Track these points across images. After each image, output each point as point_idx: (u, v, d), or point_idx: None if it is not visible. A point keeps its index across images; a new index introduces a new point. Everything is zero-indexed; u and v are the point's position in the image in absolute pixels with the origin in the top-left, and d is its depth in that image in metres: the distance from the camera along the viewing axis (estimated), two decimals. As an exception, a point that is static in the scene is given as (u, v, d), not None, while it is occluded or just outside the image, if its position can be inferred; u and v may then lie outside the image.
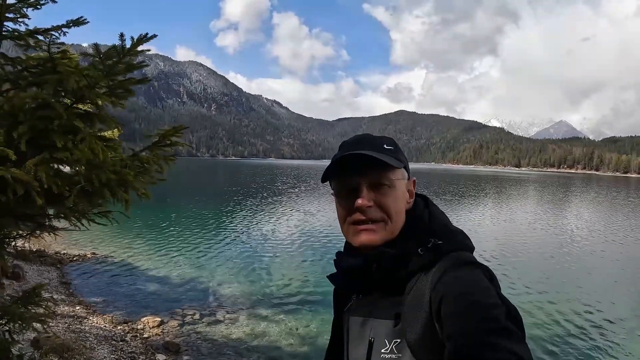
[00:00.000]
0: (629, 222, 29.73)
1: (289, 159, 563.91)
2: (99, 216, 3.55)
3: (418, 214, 1.36)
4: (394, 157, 1.31)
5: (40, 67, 2.94)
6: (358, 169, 1.28)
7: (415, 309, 1.16)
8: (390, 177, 1.28)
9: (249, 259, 15.29)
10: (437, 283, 1.14)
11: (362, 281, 1.34)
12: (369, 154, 1.26)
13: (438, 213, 1.38)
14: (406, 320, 1.17)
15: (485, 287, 1.09)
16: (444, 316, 1.07)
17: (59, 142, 2.56)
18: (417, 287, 1.19)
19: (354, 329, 1.37)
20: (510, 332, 0.97)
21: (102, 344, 7.79)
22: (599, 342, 9.24)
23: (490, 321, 0.99)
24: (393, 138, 1.41)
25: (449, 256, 1.21)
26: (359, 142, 1.35)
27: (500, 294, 1.09)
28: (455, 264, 1.18)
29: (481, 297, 1.06)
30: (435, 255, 1.22)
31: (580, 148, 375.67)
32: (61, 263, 13.26)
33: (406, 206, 1.35)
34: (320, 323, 9.56)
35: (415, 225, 1.32)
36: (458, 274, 1.14)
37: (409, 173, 1.39)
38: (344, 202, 1.32)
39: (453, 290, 1.10)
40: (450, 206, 35.86)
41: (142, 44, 2.86)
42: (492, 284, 1.13)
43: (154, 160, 3.29)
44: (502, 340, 0.94)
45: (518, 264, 15.90)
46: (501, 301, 1.06)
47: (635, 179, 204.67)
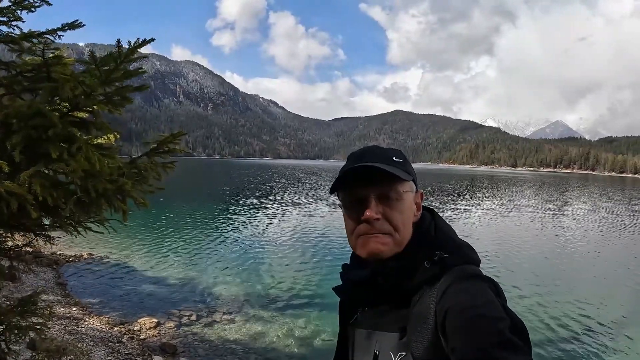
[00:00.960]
0: (623, 222, 29.90)
1: (285, 159, 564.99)
2: (96, 224, 3.51)
3: (425, 226, 1.35)
4: (403, 169, 1.30)
5: (35, 72, 2.90)
6: (367, 181, 1.27)
7: (421, 322, 1.15)
8: (398, 190, 1.28)
9: (245, 260, 15.30)
10: (442, 296, 1.14)
11: (368, 294, 1.33)
12: (379, 166, 1.25)
13: (444, 226, 1.37)
14: (412, 333, 1.17)
15: (490, 301, 1.09)
16: (449, 329, 1.06)
17: (53, 153, 2.51)
18: (423, 300, 1.19)
19: (359, 342, 1.37)
20: (516, 345, 0.97)
21: (99, 346, 7.79)
22: (592, 342, 9.30)
23: (495, 335, 0.98)
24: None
25: (454, 269, 1.20)
26: (367, 154, 1.34)
27: (506, 308, 1.09)
28: (461, 277, 1.17)
29: (487, 310, 1.05)
30: (441, 268, 1.22)
31: (576, 148, 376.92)
32: (57, 264, 13.25)
33: (413, 219, 1.33)
34: (317, 324, 9.57)
35: (422, 238, 1.31)
36: (464, 287, 1.14)
37: (417, 185, 1.38)
38: (352, 213, 1.31)
39: (459, 303, 1.09)
40: (447, 206, 35.92)
41: (139, 49, 2.81)
42: (499, 298, 1.13)
43: (152, 168, 3.26)
44: (507, 353, 0.94)
45: (513, 265, 16.01)
46: (507, 315, 1.05)
47: (631, 179, 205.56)
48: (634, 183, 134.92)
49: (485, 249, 18.07)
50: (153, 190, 3.34)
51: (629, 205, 45.43)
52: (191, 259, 14.99)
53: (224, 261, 14.98)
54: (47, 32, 3.18)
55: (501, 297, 1.14)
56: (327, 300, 10.82)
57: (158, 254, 15.39)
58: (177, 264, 14.26)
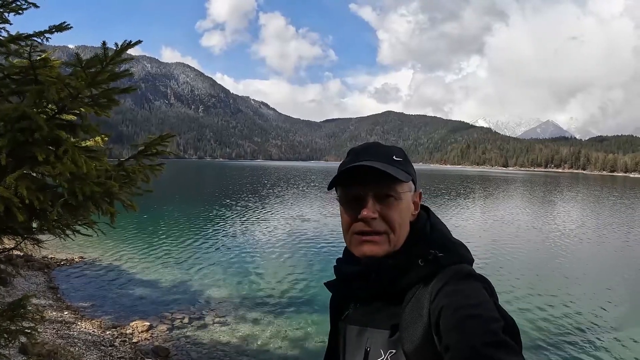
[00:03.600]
0: (614, 220, 30.05)
1: (276, 160, 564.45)
2: (84, 227, 3.49)
3: (420, 225, 1.35)
4: (403, 169, 1.30)
5: (23, 74, 2.88)
6: (365, 180, 1.27)
7: (414, 320, 1.16)
8: (397, 190, 1.27)
9: (236, 261, 15.27)
10: (436, 295, 1.15)
11: (360, 290, 1.33)
12: (378, 166, 1.24)
13: (439, 225, 1.38)
14: (404, 330, 1.17)
15: (485, 301, 1.09)
16: (442, 328, 1.07)
17: (39, 156, 2.50)
18: (416, 298, 1.20)
19: (350, 338, 1.36)
20: (509, 346, 0.97)
21: (91, 350, 7.74)
22: (584, 341, 9.32)
23: (489, 335, 0.98)
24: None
25: (449, 269, 1.21)
26: (367, 151, 1.34)
27: (499, 307, 1.10)
28: (455, 277, 1.18)
29: (481, 310, 1.05)
30: (435, 267, 1.22)
31: (567, 147, 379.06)
32: (48, 267, 13.17)
33: (411, 218, 1.34)
34: (309, 326, 9.56)
35: (417, 237, 1.31)
36: (458, 287, 1.14)
37: (416, 185, 1.38)
38: (349, 211, 1.31)
39: (452, 302, 1.09)
40: (441, 206, 35.96)
41: (125, 51, 2.79)
42: (492, 297, 1.13)
43: (140, 170, 3.24)
44: (500, 354, 0.94)
45: (506, 263, 16.04)
46: (500, 315, 1.06)
47: (621, 177, 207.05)
48: (624, 181, 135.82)
49: (478, 248, 18.12)
50: (141, 192, 3.32)
51: (619, 204, 45.68)
52: (183, 262, 14.93)
53: (215, 263, 14.94)
54: (35, 34, 3.15)
55: (494, 297, 1.16)
56: (319, 300, 10.83)
57: (150, 257, 15.32)
58: (168, 266, 14.21)
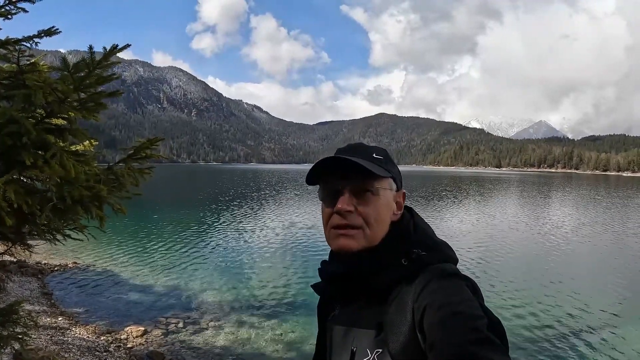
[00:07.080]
0: (607, 219, 30.18)
1: (270, 164, 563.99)
2: (75, 232, 3.48)
3: (403, 225, 1.36)
4: (382, 166, 1.31)
5: (12, 79, 2.87)
6: (342, 174, 1.29)
7: (398, 319, 1.16)
8: (374, 185, 1.28)
9: (231, 266, 15.24)
10: (420, 293, 1.14)
11: (344, 289, 1.34)
12: (354, 159, 1.26)
13: (423, 224, 1.38)
14: (388, 330, 1.17)
15: (468, 299, 1.10)
16: (426, 326, 1.07)
17: (27, 160, 2.49)
18: (400, 297, 1.19)
19: (336, 339, 1.37)
20: (493, 343, 0.97)
21: (86, 355, 7.70)
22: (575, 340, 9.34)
23: (473, 332, 0.98)
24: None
25: (432, 267, 1.21)
26: (350, 149, 1.37)
27: (483, 306, 1.10)
28: (438, 275, 1.18)
29: (464, 308, 1.05)
30: (418, 266, 1.22)
31: (560, 147, 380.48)
32: (42, 273, 13.10)
33: (392, 217, 1.35)
34: (304, 329, 9.55)
35: (400, 236, 1.32)
36: (441, 285, 1.14)
37: (400, 185, 1.39)
38: (327, 205, 1.34)
39: (436, 300, 1.09)
40: (435, 207, 36.05)
41: (112, 55, 2.79)
42: (476, 296, 1.14)
43: (129, 174, 3.23)
44: (485, 351, 0.94)
45: (496, 263, 16.09)
46: (484, 313, 1.06)
47: (614, 176, 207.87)
48: (617, 180, 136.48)
49: (468, 248, 18.23)
50: (130, 196, 3.32)
51: (611, 202, 45.87)
52: (177, 266, 14.88)
53: (209, 267, 14.90)
54: (24, 39, 3.14)
55: (478, 296, 1.15)
56: (313, 303, 10.77)
57: (144, 262, 15.27)
58: (163, 271, 14.15)
